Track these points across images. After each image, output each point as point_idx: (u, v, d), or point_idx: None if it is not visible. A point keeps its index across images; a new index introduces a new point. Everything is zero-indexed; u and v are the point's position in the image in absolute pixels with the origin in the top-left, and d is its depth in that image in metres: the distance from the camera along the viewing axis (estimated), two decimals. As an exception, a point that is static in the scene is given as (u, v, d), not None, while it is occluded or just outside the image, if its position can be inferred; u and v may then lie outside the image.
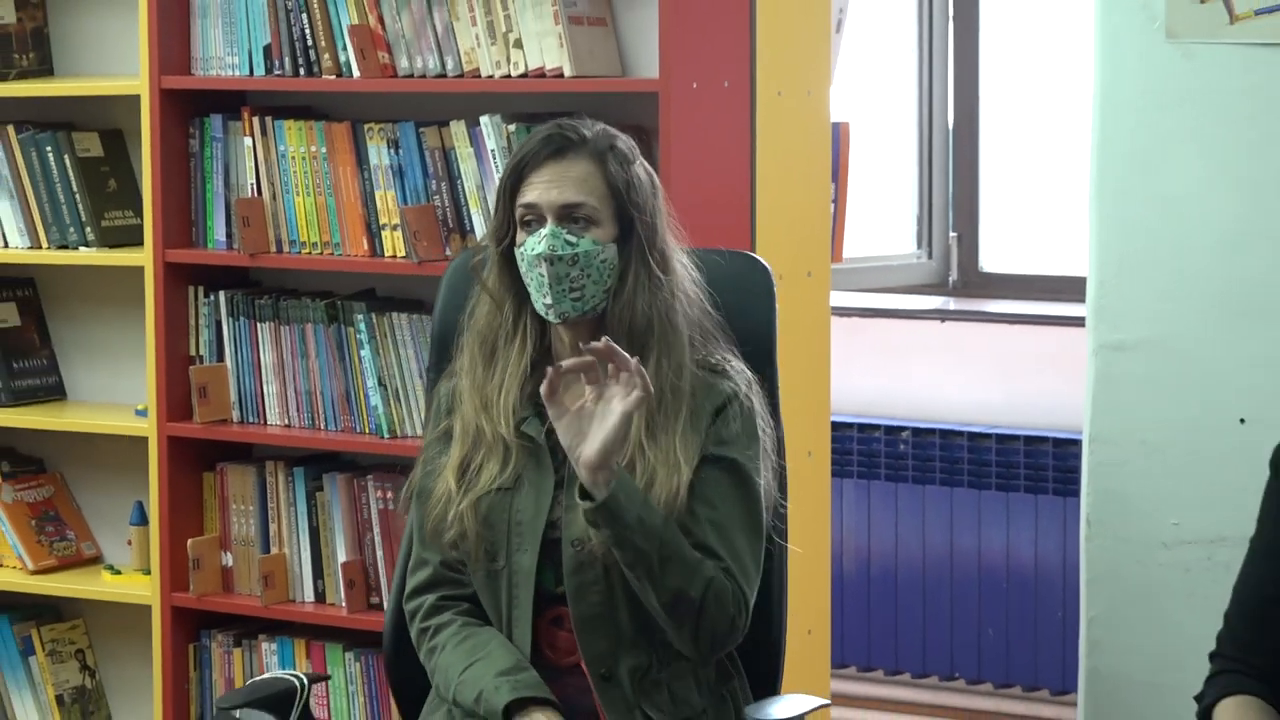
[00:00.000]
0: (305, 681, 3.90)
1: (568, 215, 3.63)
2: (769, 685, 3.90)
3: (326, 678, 4.79)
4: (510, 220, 3.70)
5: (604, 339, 3.45)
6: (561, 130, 3.70)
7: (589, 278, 3.62)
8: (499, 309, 3.75)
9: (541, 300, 3.64)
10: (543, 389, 3.45)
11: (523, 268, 3.66)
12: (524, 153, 3.70)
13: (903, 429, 6.14)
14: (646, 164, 3.76)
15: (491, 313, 3.76)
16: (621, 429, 3.42)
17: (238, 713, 3.88)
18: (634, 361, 3.43)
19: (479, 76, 4.68)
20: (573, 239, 3.61)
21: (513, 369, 3.72)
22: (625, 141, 3.75)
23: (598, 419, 3.43)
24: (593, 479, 3.43)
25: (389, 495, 4.80)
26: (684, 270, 3.78)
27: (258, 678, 4.67)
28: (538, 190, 3.65)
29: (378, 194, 4.79)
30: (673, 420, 3.62)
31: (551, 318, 3.65)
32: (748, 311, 3.95)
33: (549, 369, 3.46)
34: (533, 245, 3.62)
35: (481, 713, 3.59)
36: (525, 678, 3.60)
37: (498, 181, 3.84)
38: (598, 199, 3.64)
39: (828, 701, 3.96)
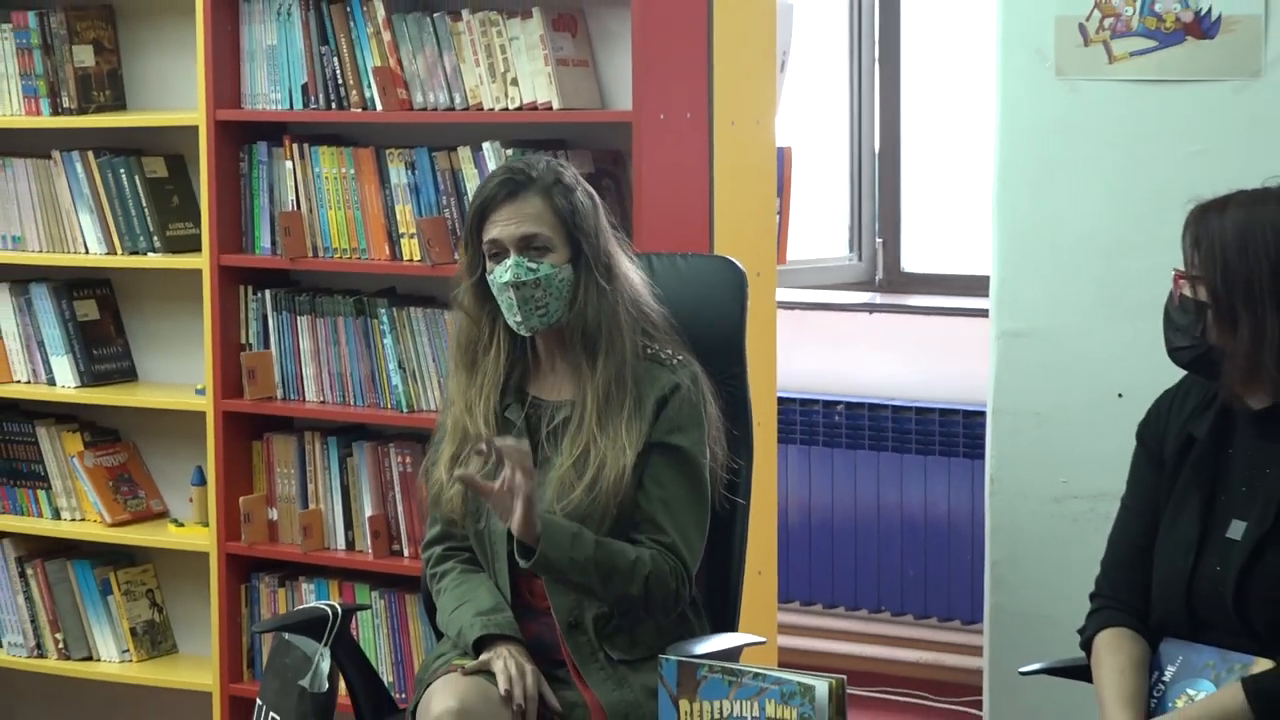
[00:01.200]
0: (339, 610, 3.95)
1: (527, 245, 3.69)
2: (728, 619, 3.96)
3: (366, 607, 4.80)
4: (480, 254, 3.76)
5: (484, 439, 3.55)
6: (512, 175, 3.76)
7: (551, 296, 3.69)
8: (476, 325, 3.81)
9: (513, 319, 3.72)
10: (464, 482, 3.59)
11: (495, 291, 3.72)
12: (484, 196, 3.78)
13: (837, 403, 6.15)
14: (588, 187, 3.83)
15: (469, 329, 3.83)
16: (527, 502, 3.47)
17: (286, 636, 3.92)
18: (510, 446, 3.52)
19: (481, 109, 4.69)
20: (534, 265, 3.68)
21: (491, 374, 3.80)
22: (570, 173, 3.81)
23: (515, 494, 3.47)
24: (526, 537, 3.49)
25: (408, 460, 4.82)
26: (630, 275, 3.84)
27: (296, 608, 4.71)
28: (499, 227, 3.72)
29: (397, 208, 4.80)
30: (618, 410, 3.70)
31: (523, 332, 3.74)
32: (722, 306, 4.02)
33: (459, 475, 3.60)
34: (500, 274, 3.69)
35: (460, 646, 3.69)
36: (499, 618, 3.68)
37: (468, 215, 3.86)
38: (549, 228, 3.71)
39: (761, 639, 3.99)
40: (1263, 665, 3.21)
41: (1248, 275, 3.24)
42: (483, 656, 3.63)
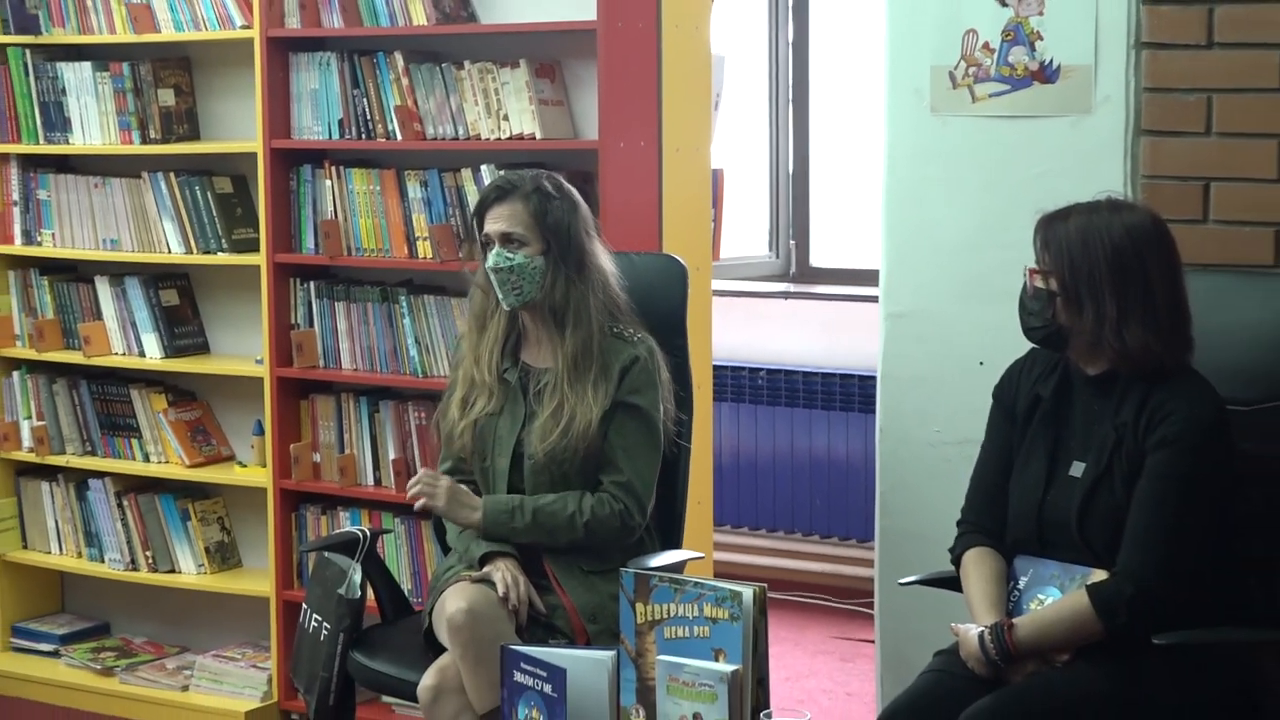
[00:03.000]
0: (368, 533, 3.97)
1: (507, 240, 3.76)
2: (675, 539, 3.98)
3: (389, 531, 4.77)
4: (481, 242, 3.82)
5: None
6: (501, 184, 3.82)
7: (525, 280, 3.76)
8: (486, 297, 3.86)
9: (498, 295, 3.78)
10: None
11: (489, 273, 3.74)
12: (481, 199, 3.85)
13: (760, 369, 6.14)
14: (571, 194, 3.85)
15: (481, 300, 3.86)
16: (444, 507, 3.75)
17: (326, 554, 3.90)
18: (420, 480, 3.77)
19: (480, 139, 4.66)
20: (510, 255, 3.74)
21: (495, 335, 3.86)
22: (552, 182, 3.83)
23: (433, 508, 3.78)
24: (469, 523, 3.76)
25: (423, 415, 4.78)
26: (604, 267, 3.86)
27: (334, 532, 4.68)
28: (489, 224, 3.81)
29: (414, 216, 4.76)
30: (585, 374, 3.77)
31: (505, 306, 3.80)
32: (668, 293, 4.04)
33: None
34: (488, 260, 3.77)
35: (466, 560, 3.73)
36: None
37: (471, 214, 3.96)
38: (524, 227, 3.77)
39: (700, 555, 4.01)
40: (1099, 575, 3.22)
41: (1089, 269, 3.24)
42: (485, 568, 3.65)
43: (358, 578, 3.85)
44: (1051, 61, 3.90)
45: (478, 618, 3.50)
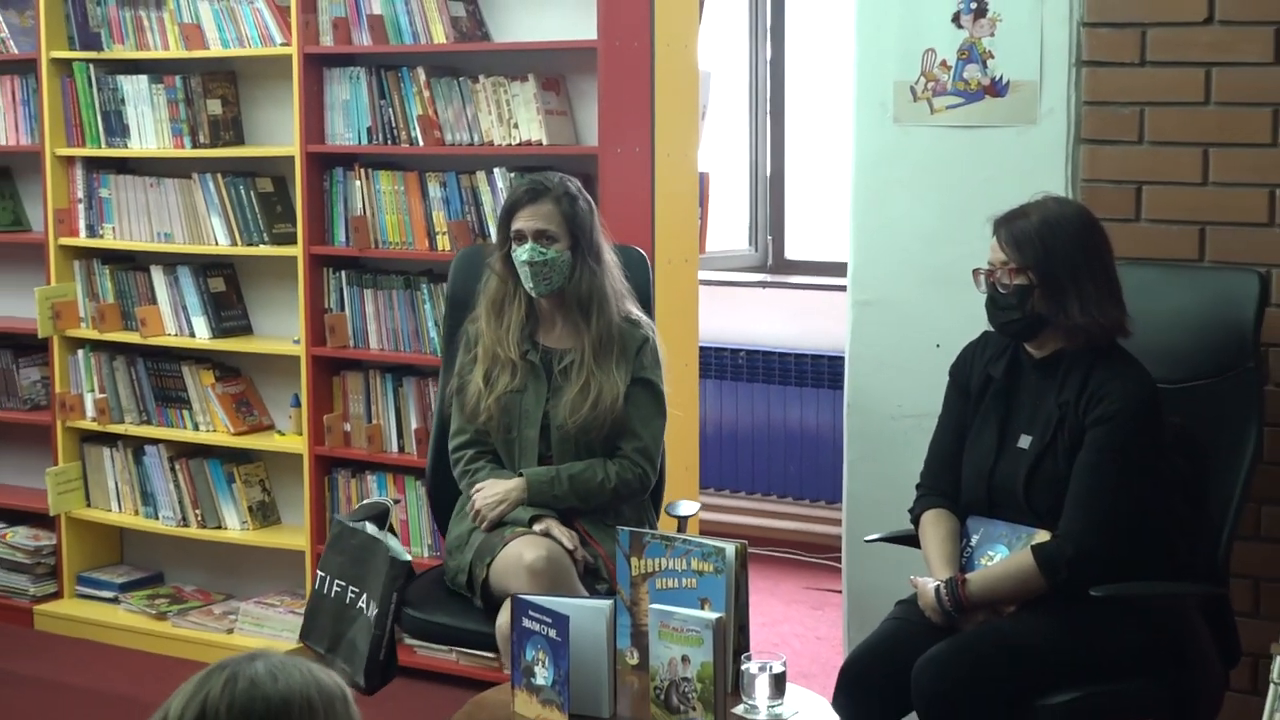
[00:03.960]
0: (392, 504, 3.94)
1: (540, 236, 3.75)
2: (657, 496, 3.98)
3: (398, 501, 4.75)
4: (507, 237, 3.78)
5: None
6: (534, 184, 3.79)
7: (555, 271, 3.75)
8: (503, 285, 3.83)
9: (528, 285, 3.77)
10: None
11: (516, 264, 3.76)
12: (514, 197, 3.82)
13: (740, 350, 6.13)
14: (587, 196, 3.86)
15: (498, 288, 3.83)
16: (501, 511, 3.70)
17: (365, 526, 3.78)
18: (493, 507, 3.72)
19: (493, 145, 4.64)
20: (544, 250, 3.74)
21: (515, 318, 3.82)
22: (574, 185, 3.82)
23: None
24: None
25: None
26: (610, 259, 3.85)
27: (365, 500, 4.65)
28: (522, 221, 3.77)
29: (434, 214, 4.74)
30: (609, 355, 3.79)
31: (534, 294, 3.77)
32: (638, 282, 4.01)
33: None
34: (521, 254, 3.75)
35: (514, 522, 3.69)
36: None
37: (500, 210, 3.92)
38: (556, 226, 3.76)
39: (698, 505, 3.99)
40: (1043, 536, 3.23)
41: (1064, 255, 3.24)
42: (539, 526, 3.64)
43: (396, 543, 3.71)
44: (1001, 77, 3.88)
45: (554, 564, 3.50)
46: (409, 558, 3.64)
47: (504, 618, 3.40)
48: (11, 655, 5.13)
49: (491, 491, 3.71)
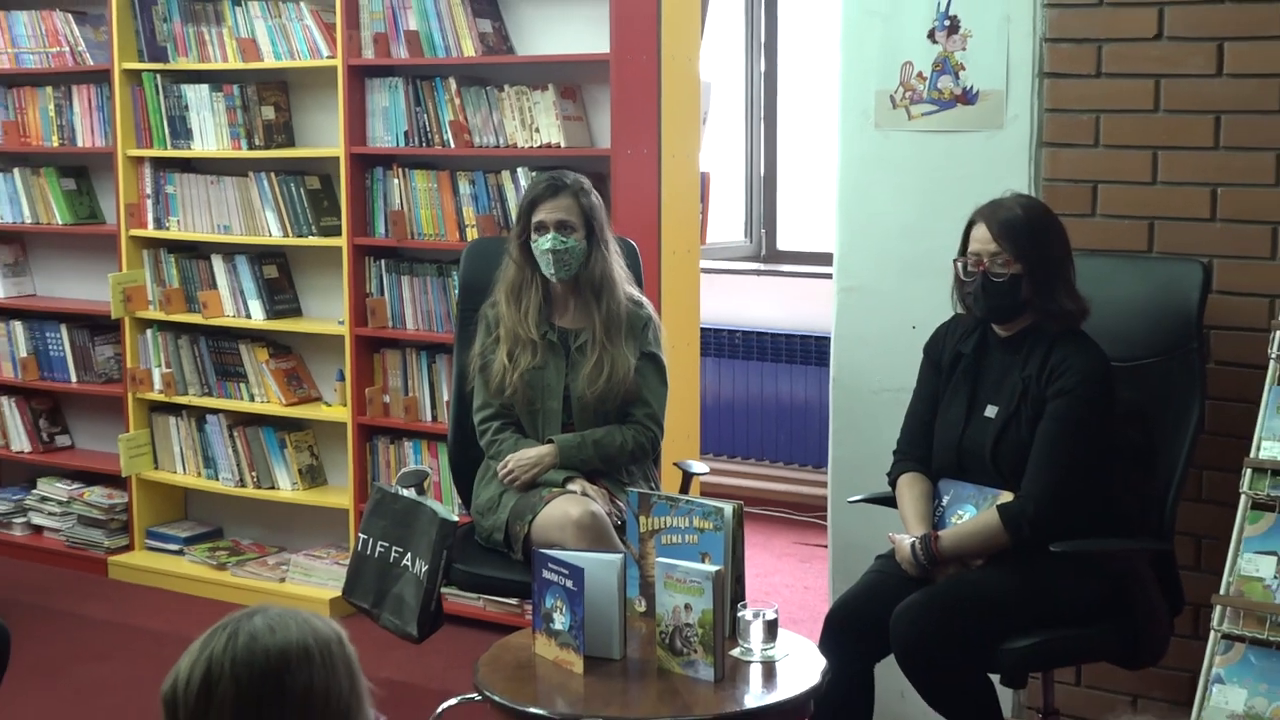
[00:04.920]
0: (430, 471, 4.00)
1: (561, 226, 3.73)
2: (656, 459, 3.95)
3: (427, 472, 4.71)
4: (528, 227, 3.76)
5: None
6: (554, 180, 3.77)
7: (572, 259, 3.76)
8: (521, 271, 3.81)
9: (548, 271, 3.76)
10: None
11: (536, 253, 3.79)
12: (536, 191, 3.79)
13: (737, 331, 6.12)
14: (597, 193, 3.85)
15: (516, 274, 3.81)
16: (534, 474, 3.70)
17: (406, 492, 3.75)
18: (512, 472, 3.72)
19: (516, 148, 4.62)
20: (565, 239, 3.73)
21: (534, 301, 3.80)
22: (588, 182, 3.81)
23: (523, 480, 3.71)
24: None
25: (470, 366, 4.76)
26: (616, 248, 3.85)
27: (403, 469, 4.62)
28: (544, 213, 3.76)
29: (464, 208, 4.72)
30: (619, 332, 3.79)
31: (554, 280, 3.75)
32: (633, 264, 4.00)
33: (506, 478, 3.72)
34: (543, 244, 3.74)
35: (547, 484, 3.69)
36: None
37: (519, 204, 3.89)
38: (575, 217, 3.76)
39: (706, 468, 4.00)
40: (1007, 496, 3.22)
41: (1050, 248, 3.24)
42: (574, 486, 3.63)
43: (436, 505, 3.65)
44: (972, 88, 3.85)
45: (598, 518, 3.49)
46: (456, 518, 3.60)
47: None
48: (89, 601, 5.14)
49: (527, 455, 3.70)
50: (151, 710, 4.29)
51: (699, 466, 3.97)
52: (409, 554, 3.61)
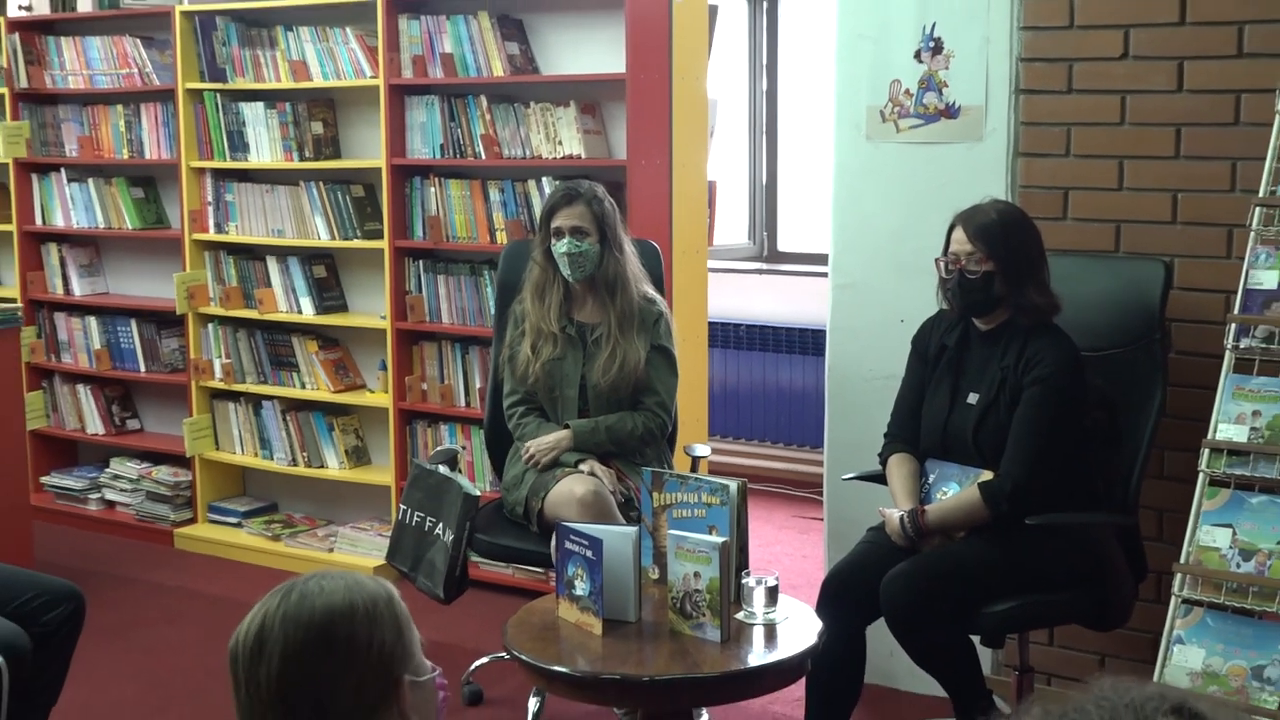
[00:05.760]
0: (460, 449, 3.99)
1: (576, 232, 3.72)
2: (671, 441, 3.95)
3: (464, 447, 4.72)
4: (548, 233, 3.75)
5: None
6: (569, 189, 3.77)
7: (587, 260, 3.75)
8: (545, 272, 3.80)
9: (566, 272, 3.75)
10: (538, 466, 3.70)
11: (556, 255, 3.75)
12: (554, 200, 3.79)
13: (741, 324, 6.11)
14: (612, 200, 3.87)
15: (540, 275, 3.81)
16: (554, 455, 3.69)
17: (439, 468, 3.77)
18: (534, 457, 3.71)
19: (541, 159, 4.60)
20: (579, 243, 3.73)
21: (555, 299, 3.80)
22: (601, 190, 3.80)
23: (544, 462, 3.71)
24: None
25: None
26: (630, 249, 3.83)
27: (438, 447, 4.63)
28: (561, 220, 3.76)
29: (494, 214, 4.71)
30: (631, 327, 3.77)
31: (571, 280, 3.74)
32: (652, 271, 3.97)
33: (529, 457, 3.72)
34: (560, 247, 3.75)
35: (564, 464, 3.69)
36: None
37: (541, 212, 3.87)
38: (588, 223, 3.75)
39: (709, 449, 3.97)
40: (987, 475, 3.21)
41: (1022, 249, 3.22)
42: (584, 466, 3.64)
43: (466, 480, 3.71)
44: (954, 103, 3.83)
45: (600, 495, 3.50)
46: (478, 493, 3.64)
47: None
48: (156, 569, 5.15)
49: (545, 440, 3.71)
50: (211, 667, 4.31)
51: (702, 449, 3.95)
52: (440, 524, 3.65)
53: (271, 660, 1.47)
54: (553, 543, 3.42)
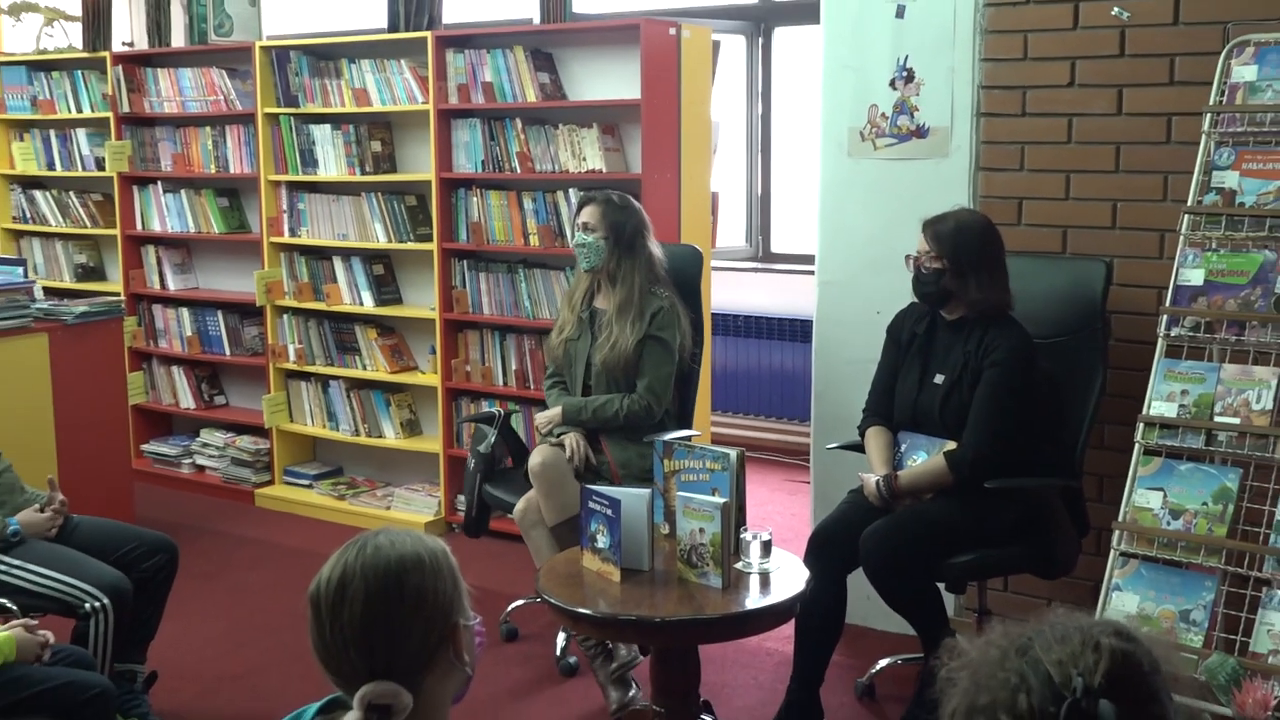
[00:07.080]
0: (503, 412, 3.99)
1: (584, 227, 3.71)
2: (687, 420, 3.91)
3: (515, 411, 4.71)
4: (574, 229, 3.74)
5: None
6: (589, 195, 3.77)
7: (592, 253, 3.74)
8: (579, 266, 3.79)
9: (580, 262, 3.74)
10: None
11: (574, 247, 3.72)
12: (580, 203, 3.77)
13: (740, 315, 6.08)
14: (637, 208, 3.79)
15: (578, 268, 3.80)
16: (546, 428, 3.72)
17: (478, 425, 3.91)
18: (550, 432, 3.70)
19: (568, 173, 4.58)
20: (586, 237, 3.72)
21: (581, 288, 3.80)
22: (620, 197, 3.77)
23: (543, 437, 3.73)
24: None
25: (533, 344, 4.72)
26: (649, 253, 3.76)
27: (481, 410, 4.63)
28: (579, 217, 3.74)
29: (527, 220, 4.68)
30: (628, 315, 3.72)
31: (582, 269, 3.75)
32: (690, 266, 3.95)
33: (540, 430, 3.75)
34: (574, 240, 3.74)
35: (555, 434, 3.72)
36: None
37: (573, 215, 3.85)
38: (596, 220, 3.72)
39: (697, 432, 3.91)
40: (951, 445, 3.19)
41: (969, 250, 3.19)
42: (566, 438, 3.64)
43: (493, 438, 3.88)
44: (924, 124, 3.81)
45: (547, 465, 3.54)
46: (491, 449, 3.83)
47: (519, 505, 3.62)
48: (240, 524, 5.16)
49: (546, 414, 3.76)
50: (286, 607, 4.31)
51: (681, 431, 3.88)
52: (474, 469, 3.86)
53: (354, 604, 1.46)
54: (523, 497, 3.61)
